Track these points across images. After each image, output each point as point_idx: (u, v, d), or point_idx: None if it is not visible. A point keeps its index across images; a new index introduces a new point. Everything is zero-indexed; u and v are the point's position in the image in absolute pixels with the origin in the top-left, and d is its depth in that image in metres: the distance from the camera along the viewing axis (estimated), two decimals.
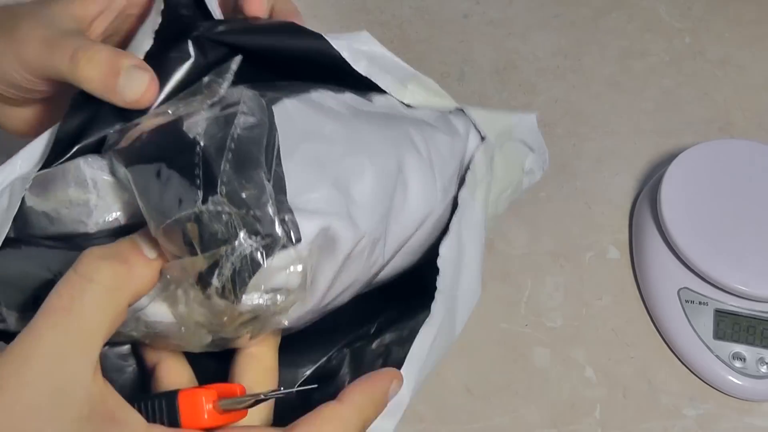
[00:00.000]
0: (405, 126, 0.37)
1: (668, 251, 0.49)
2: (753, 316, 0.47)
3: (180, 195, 0.27)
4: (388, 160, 0.35)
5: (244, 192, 0.28)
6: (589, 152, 0.58)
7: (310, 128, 0.33)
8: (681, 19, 0.67)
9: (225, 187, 0.27)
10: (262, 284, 0.28)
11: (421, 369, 0.35)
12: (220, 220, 0.27)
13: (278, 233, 0.28)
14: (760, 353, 0.47)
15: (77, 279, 0.26)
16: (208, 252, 0.27)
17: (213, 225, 0.27)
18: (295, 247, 0.28)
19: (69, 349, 0.26)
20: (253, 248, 0.27)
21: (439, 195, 0.37)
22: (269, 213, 0.28)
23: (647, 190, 0.54)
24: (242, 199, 0.27)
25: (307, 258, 0.29)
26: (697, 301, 0.48)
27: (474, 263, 0.39)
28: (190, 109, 0.31)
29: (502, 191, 0.42)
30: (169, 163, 0.28)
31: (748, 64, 0.64)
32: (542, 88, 0.62)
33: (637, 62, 0.64)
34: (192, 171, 0.28)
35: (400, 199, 0.35)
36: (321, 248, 0.30)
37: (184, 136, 0.29)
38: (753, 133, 0.59)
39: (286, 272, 0.28)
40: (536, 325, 0.50)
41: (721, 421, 0.46)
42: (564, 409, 0.47)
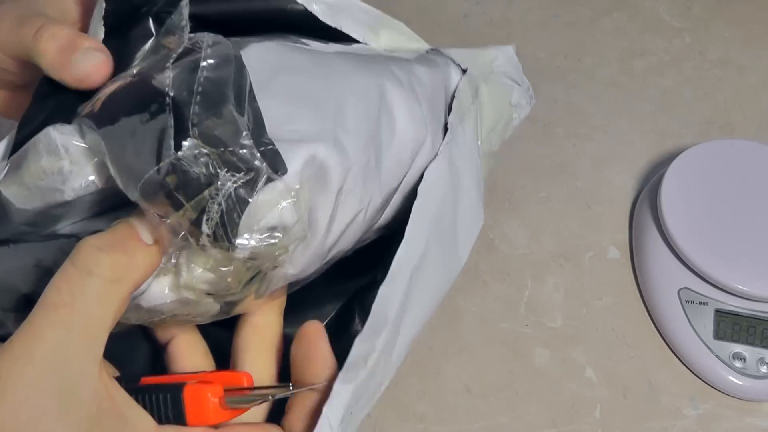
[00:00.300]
0: (382, 60, 0.36)
1: (668, 251, 0.49)
2: (753, 316, 0.47)
3: (154, 148, 0.26)
4: (369, 89, 0.34)
5: (217, 130, 0.26)
6: (589, 152, 0.58)
7: (285, 63, 0.32)
8: (681, 19, 0.67)
9: (197, 129, 0.26)
10: (254, 224, 0.27)
11: (405, 300, 0.33)
12: (198, 163, 0.26)
13: (259, 166, 0.27)
14: (760, 353, 0.47)
15: (76, 273, 0.26)
16: (193, 200, 0.26)
17: (192, 170, 0.26)
18: (282, 178, 0.28)
19: (73, 347, 0.25)
20: (237, 185, 0.26)
21: (428, 123, 0.36)
22: (247, 146, 0.27)
23: (647, 190, 0.54)
24: (217, 137, 0.26)
25: (299, 190, 0.28)
26: (697, 301, 0.48)
27: (472, 190, 0.37)
28: (155, 66, 0.29)
29: (493, 127, 0.42)
30: (139, 118, 0.27)
31: (748, 64, 0.64)
32: (542, 88, 0.62)
33: (637, 62, 0.64)
34: (162, 121, 0.27)
35: (388, 129, 0.34)
36: (311, 179, 0.29)
37: (151, 89, 0.28)
38: (753, 133, 0.59)
39: (278, 207, 0.28)
40: (536, 325, 0.50)
41: (721, 421, 0.46)
42: (564, 409, 0.47)
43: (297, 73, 0.32)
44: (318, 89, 0.32)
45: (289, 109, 0.30)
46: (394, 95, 0.34)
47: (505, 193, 0.56)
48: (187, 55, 0.29)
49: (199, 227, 0.26)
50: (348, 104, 0.32)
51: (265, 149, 0.27)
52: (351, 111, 0.32)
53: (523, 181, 0.57)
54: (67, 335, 0.25)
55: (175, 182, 0.26)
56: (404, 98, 0.35)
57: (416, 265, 0.34)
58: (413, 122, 0.35)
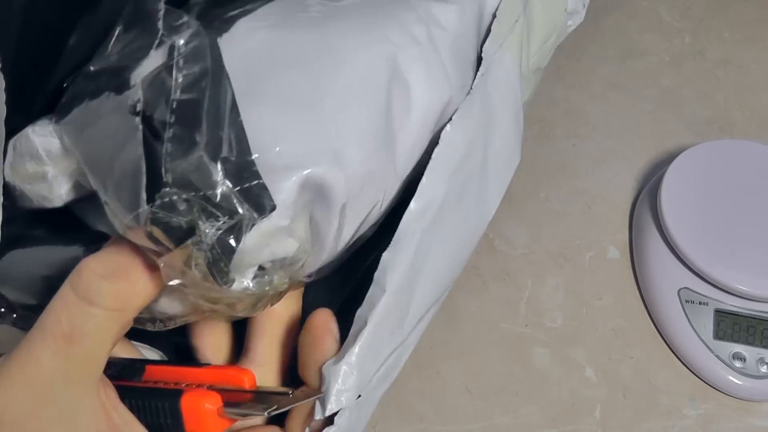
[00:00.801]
0: (392, 12, 0.31)
1: (668, 251, 0.49)
2: (753, 316, 0.47)
3: (131, 188, 0.24)
4: (376, 66, 0.29)
5: (191, 174, 0.24)
6: (589, 152, 0.58)
7: (273, 54, 0.28)
8: (681, 19, 0.67)
9: (170, 175, 0.24)
10: (250, 264, 0.25)
11: (414, 264, 0.30)
12: (176, 210, 0.24)
13: (240, 210, 0.24)
14: (760, 353, 0.47)
15: (76, 302, 0.25)
16: (178, 247, 0.24)
17: (171, 219, 0.24)
18: (271, 216, 0.25)
19: (72, 374, 0.25)
20: (219, 233, 0.24)
21: (452, 76, 0.31)
22: (223, 189, 0.24)
23: (647, 190, 0.54)
24: (192, 182, 0.24)
25: (296, 221, 0.26)
26: (697, 301, 0.48)
27: (510, 126, 0.33)
28: (124, 67, 0.26)
29: (545, 40, 0.37)
30: (112, 144, 0.25)
31: (748, 64, 0.64)
32: (542, 88, 0.62)
33: (637, 62, 0.64)
34: (135, 156, 0.24)
35: (402, 106, 0.30)
36: (312, 202, 0.27)
37: (125, 109, 0.25)
38: (753, 133, 0.59)
39: (277, 242, 0.25)
40: (536, 325, 0.50)
41: (721, 421, 0.46)
42: (564, 409, 0.47)
43: (287, 67, 0.28)
44: (315, 87, 0.28)
45: (280, 122, 0.27)
46: (408, 61, 0.30)
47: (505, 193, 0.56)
48: (164, 44, 0.26)
49: (192, 269, 0.25)
50: (351, 99, 0.28)
51: (249, 186, 0.25)
52: (355, 107, 0.28)
53: (523, 181, 0.57)
54: (66, 363, 0.25)
55: (157, 231, 0.24)
56: (420, 59, 0.30)
57: (428, 226, 0.30)
58: (433, 84, 0.31)
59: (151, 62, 0.26)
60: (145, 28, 0.26)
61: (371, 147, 0.29)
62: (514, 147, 0.35)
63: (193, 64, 0.25)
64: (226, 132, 0.25)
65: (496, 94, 0.33)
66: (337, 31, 0.29)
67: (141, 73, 0.25)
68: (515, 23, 0.34)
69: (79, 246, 0.30)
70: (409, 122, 0.30)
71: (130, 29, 0.27)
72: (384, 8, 0.31)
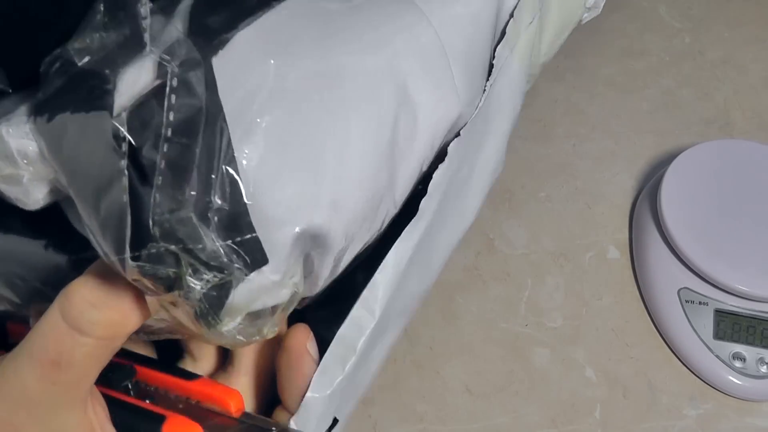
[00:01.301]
0: (402, 22, 0.28)
1: (668, 251, 0.49)
2: (753, 316, 0.47)
3: (115, 233, 0.22)
4: (384, 101, 0.27)
5: (179, 229, 0.22)
6: (589, 152, 0.58)
7: (273, 78, 0.25)
8: (681, 19, 0.67)
9: (158, 228, 0.22)
10: (239, 313, 0.24)
11: (396, 288, 0.29)
12: (163, 262, 0.22)
13: (229, 267, 0.23)
14: (760, 353, 0.47)
15: (66, 332, 0.24)
16: (166, 294, 0.23)
17: (158, 270, 0.22)
18: (263, 270, 0.24)
19: (59, 398, 0.24)
20: (207, 288, 0.23)
21: (462, 95, 0.29)
22: (213, 245, 0.23)
23: (647, 190, 0.54)
24: (178, 237, 0.22)
25: (290, 272, 0.25)
26: (697, 301, 0.48)
27: (503, 133, 0.32)
28: (114, 60, 0.23)
29: (559, 34, 0.36)
30: (98, 182, 0.23)
31: (748, 64, 0.64)
32: (542, 88, 0.62)
33: (637, 62, 0.64)
34: (121, 208, 0.22)
35: (408, 127, 0.28)
36: (307, 249, 0.26)
37: (110, 142, 0.22)
38: (753, 133, 0.59)
39: (268, 295, 0.24)
40: (536, 325, 0.50)
41: (721, 421, 0.46)
42: (564, 409, 0.47)
43: (290, 99, 0.25)
44: (316, 125, 0.25)
45: (276, 166, 0.24)
46: (418, 83, 0.28)
47: (505, 193, 0.56)
48: (149, 64, 0.23)
49: (179, 308, 0.24)
50: (355, 138, 0.26)
51: (242, 239, 0.23)
52: (358, 147, 0.26)
53: (523, 181, 0.57)
54: (53, 387, 0.24)
55: (144, 279, 0.23)
56: (431, 79, 0.28)
57: (416, 243, 0.29)
58: (442, 105, 0.29)
59: (136, 74, 0.23)
60: (129, 26, 0.24)
61: (372, 188, 0.27)
62: (502, 156, 0.34)
63: (187, 100, 0.23)
64: (218, 179, 0.23)
65: (497, 103, 0.32)
66: (344, 50, 0.27)
67: (126, 84, 0.23)
68: (530, 24, 0.32)
69: (61, 252, 0.29)
70: (414, 148, 0.28)
71: (113, 16, 0.24)
72: (394, 17, 0.29)
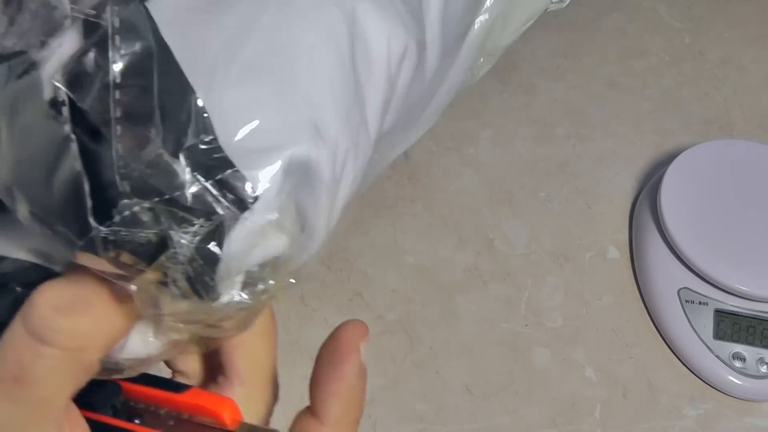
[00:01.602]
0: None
1: (668, 251, 0.49)
2: (753, 316, 0.47)
3: (76, 212, 0.19)
4: (337, 27, 0.25)
5: (152, 177, 0.19)
6: (589, 152, 0.58)
7: (216, 15, 0.22)
8: (681, 19, 0.67)
9: (127, 182, 0.19)
10: (238, 271, 0.21)
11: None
12: (140, 223, 0.19)
13: (217, 209, 0.20)
14: (760, 353, 0.47)
15: (26, 341, 0.21)
16: (150, 266, 0.20)
17: (136, 235, 0.19)
18: (254, 210, 0.21)
19: (27, 419, 0.22)
20: (197, 241, 0.20)
21: (410, 26, 0.28)
22: (193, 188, 0.20)
23: (647, 190, 0.54)
24: (151, 186, 0.19)
25: (284, 211, 0.22)
26: (697, 301, 0.48)
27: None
28: (31, 35, 0.21)
29: (526, 22, 0.36)
30: (39, 165, 0.20)
31: (748, 64, 0.64)
32: (542, 88, 0.62)
33: (637, 62, 0.64)
34: (76, 179, 0.19)
35: (364, 63, 0.26)
36: (297, 187, 0.23)
37: (42, 112, 0.20)
38: (753, 133, 0.59)
39: (266, 241, 0.22)
40: (536, 325, 0.50)
41: (721, 421, 0.46)
42: (564, 409, 0.47)
43: (241, 29, 0.23)
44: (276, 49, 0.23)
45: (245, 95, 0.22)
46: (365, 14, 0.26)
47: (505, 193, 0.56)
48: (75, 29, 0.20)
49: (170, 290, 0.21)
50: (318, 60, 0.24)
51: (223, 177, 0.20)
52: (323, 69, 0.24)
53: (523, 181, 0.57)
54: (19, 408, 0.21)
55: (119, 252, 0.20)
56: (377, 9, 0.27)
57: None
58: (391, 35, 0.27)
59: (59, 40, 0.20)
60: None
61: (346, 112, 0.25)
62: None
63: (132, 42, 0.20)
64: (185, 116, 0.20)
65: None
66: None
67: (51, 52, 0.20)
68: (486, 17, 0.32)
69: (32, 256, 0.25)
70: (373, 78, 0.26)
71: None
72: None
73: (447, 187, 0.54)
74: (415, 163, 0.57)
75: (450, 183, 0.56)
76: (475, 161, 0.57)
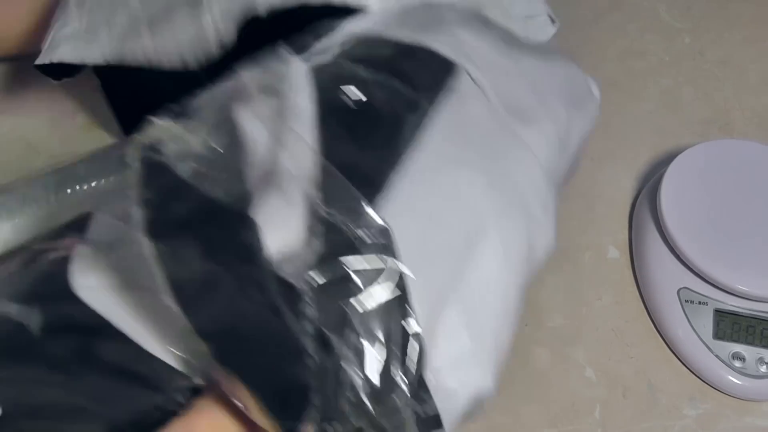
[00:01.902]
0: (515, 151, 0.30)
1: (668, 251, 0.49)
2: (753, 316, 0.47)
3: (291, 411, 0.20)
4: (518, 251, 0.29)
5: (382, 417, 0.21)
6: (589, 152, 0.58)
7: (430, 242, 0.25)
8: (681, 19, 0.67)
9: (349, 406, 0.20)
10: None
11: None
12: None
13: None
14: (760, 353, 0.47)
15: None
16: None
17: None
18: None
19: None
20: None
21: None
22: (399, 414, 0.22)
23: (647, 190, 0.54)
24: (375, 421, 0.21)
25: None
26: (697, 301, 0.48)
27: None
28: (245, 193, 0.22)
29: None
30: (259, 350, 0.21)
31: (748, 64, 0.64)
32: None
33: (637, 62, 0.64)
34: (299, 381, 0.20)
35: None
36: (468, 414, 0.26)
37: (277, 310, 0.20)
38: (753, 133, 0.59)
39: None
40: (536, 325, 0.50)
41: (721, 421, 0.46)
42: (564, 409, 0.47)
43: (471, 276, 0.26)
44: (488, 305, 0.26)
45: (456, 345, 0.25)
46: (536, 235, 0.31)
47: None
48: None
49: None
50: (508, 292, 0.28)
51: (423, 408, 0.23)
52: (510, 304, 0.29)
53: None
54: None
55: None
56: (542, 228, 0.33)
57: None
58: (546, 240, 0.33)
59: (279, 212, 0.22)
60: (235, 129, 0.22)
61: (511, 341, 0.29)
62: None
63: (381, 269, 0.22)
64: (404, 348, 0.22)
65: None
66: (489, 214, 0.28)
67: (270, 225, 0.21)
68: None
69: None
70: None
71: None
72: (508, 150, 0.30)
73: None
74: None
75: None
76: None
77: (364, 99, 0.25)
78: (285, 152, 0.22)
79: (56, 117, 0.58)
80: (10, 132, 0.57)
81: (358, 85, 0.25)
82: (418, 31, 0.29)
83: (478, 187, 0.28)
